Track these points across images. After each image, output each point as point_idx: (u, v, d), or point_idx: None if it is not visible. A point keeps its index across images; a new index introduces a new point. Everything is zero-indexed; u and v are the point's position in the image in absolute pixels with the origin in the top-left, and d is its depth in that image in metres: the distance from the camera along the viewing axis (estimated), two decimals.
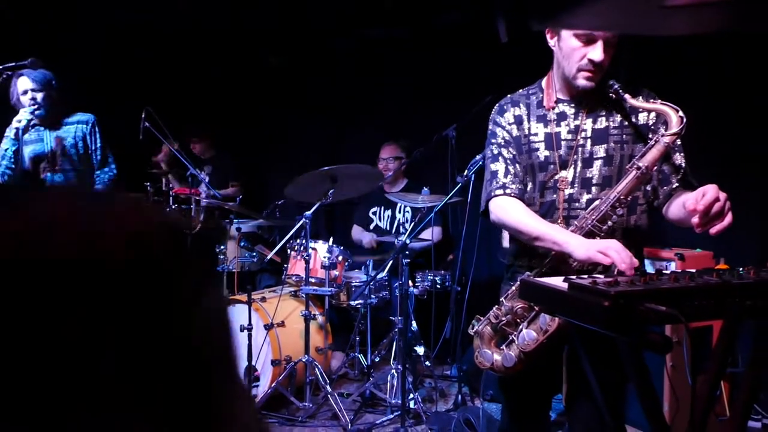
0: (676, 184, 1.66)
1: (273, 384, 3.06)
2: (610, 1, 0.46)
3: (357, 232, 4.21)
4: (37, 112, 2.99)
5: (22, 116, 2.97)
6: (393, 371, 3.17)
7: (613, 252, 1.42)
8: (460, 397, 3.20)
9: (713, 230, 1.39)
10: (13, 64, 2.90)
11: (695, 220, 1.40)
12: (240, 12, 4.30)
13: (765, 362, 1.37)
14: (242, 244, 3.54)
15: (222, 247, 3.98)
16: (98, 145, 3.24)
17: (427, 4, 3.97)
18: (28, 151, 3.11)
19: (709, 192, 1.39)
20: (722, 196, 1.40)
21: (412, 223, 3.56)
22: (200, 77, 5.00)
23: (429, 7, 3.98)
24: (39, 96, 3.04)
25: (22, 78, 3.03)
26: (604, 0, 0.46)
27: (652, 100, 1.62)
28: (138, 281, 0.36)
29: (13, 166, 3.05)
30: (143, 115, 3.59)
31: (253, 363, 3.07)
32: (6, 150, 3.05)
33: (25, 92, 3.02)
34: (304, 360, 3.08)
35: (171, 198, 3.88)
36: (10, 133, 3.03)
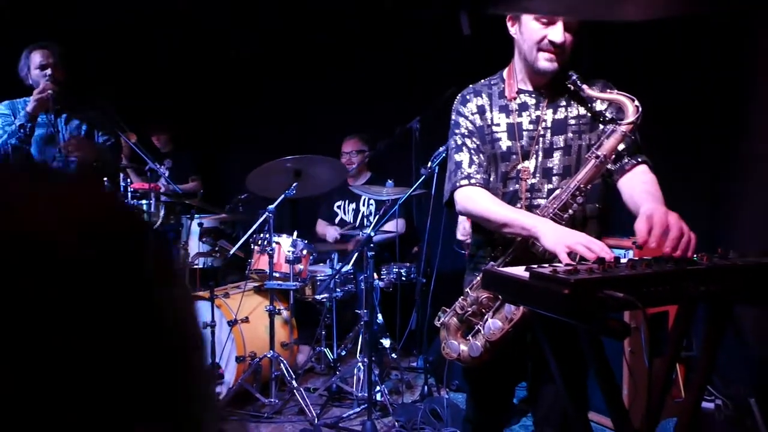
0: (627, 159, 1.66)
1: (238, 381, 3.01)
2: None
3: (321, 226, 4.18)
4: (50, 91, 2.79)
5: (44, 91, 2.78)
6: (359, 364, 3.16)
7: (581, 247, 1.39)
8: (426, 388, 3.22)
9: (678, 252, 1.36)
10: None
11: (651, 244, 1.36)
12: (202, 5, 4.20)
13: (717, 345, 1.42)
14: (204, 239, 3.47)
15: (183, 243, 3.89)
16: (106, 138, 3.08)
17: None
18: (37, 133, 2.91)
19: (656, 227, 1.36)
20: (660, 215, 1.37)
21: (377, 216, 3.55)
22: (160, 70, 4.87)
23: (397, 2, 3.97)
24: (56, 73, 2.85)
25: (36, 52, 2.86)
26: None
27: (608, 90, 1.64)
28: (98, 269, 0.34)
29: (17, 142, 2.82)
30: None
31: (217, 360, 3.02)
32: (14, 123, 2.84)
33: (41, 66, 2.84)
34: (269, 356, 3.05)
35: (129, 193, 3.77)
36: (27, 107, 2.84)
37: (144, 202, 4.15)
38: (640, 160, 1.66)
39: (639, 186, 1.62)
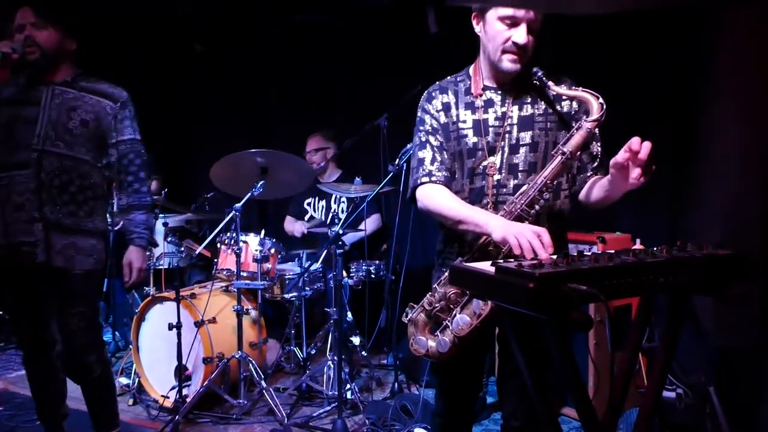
0: (591, 172, 1.75)
1: (205, 383, 2.97)
2: None
3: (289, 223, 4.15)
4: (31, 56, 2.13)
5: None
6: (329, 363, 3.15)
7: (524, 239, 1.44)
8: (396, 384, 3.23)
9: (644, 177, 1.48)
10: None
11: (636, 172, 1.47)
12: None
13: (677, 336, 1.45)
14: (169, 239, 3.40)
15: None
16: (125, 137, 2.28)
17: None
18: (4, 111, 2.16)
19: (634, 142, 1.46)
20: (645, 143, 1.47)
21: (346, 214, 3.54)
22: (120, 63, 4.75)
23: None
24: (39, 35, 2.14)
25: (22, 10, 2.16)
26: None
27: (574, 88, 1.67)
28: None
29: None
30: None
31: (184, 362, 2.96)
32: None
33: (20, 27, 2.14)
34: (237, 356, 3.01)
35: None
36: None
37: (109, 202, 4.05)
38: (603, 171, 1.71)
39: (599, 178, 1.70)
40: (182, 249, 3.54)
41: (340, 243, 2.88)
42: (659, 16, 2.83)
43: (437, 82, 1.84)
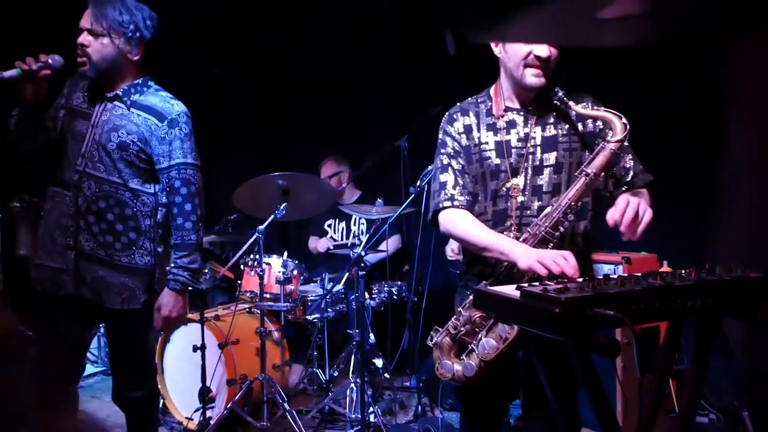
0: (625, 187, 1.73)
1: (228, 405, 2.97)
2: (544, 14, 0.47)
3: (313, 241, 4.17)
4: (82, 68, 1.94)
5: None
6: (352, 385, 3.14)
7: (549, 260, 1.45)
8: (419, 407, 3.20)
9: (636, 235, 1.50)
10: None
11: (622, 230, 1.49)
12: (179, 17, 4.19)
13: (707, 359, 1.42)
14: None
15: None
16: (173, 161, 1.99)
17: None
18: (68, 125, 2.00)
19: (620, 203, 1.49)
20: (632, 201, 1.49)
21: (368, 235, 3.55)
22: None
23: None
24: (94, 43, 1.91)
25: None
26: (538, 13, 0.47)
27: (596, 108, 1.67)
28: None
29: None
30: None
31: (208, 384, 2.98)
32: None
33: (80, 31, 1.93)
34: (260, 378, 3.01)
35: None
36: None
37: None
38: (642, 185, 1.72)
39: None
40: (206, 270, 3.58)
41: (362, 264, 2.89)
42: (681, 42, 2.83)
43: (458, 104, 1.85)
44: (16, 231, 3.89)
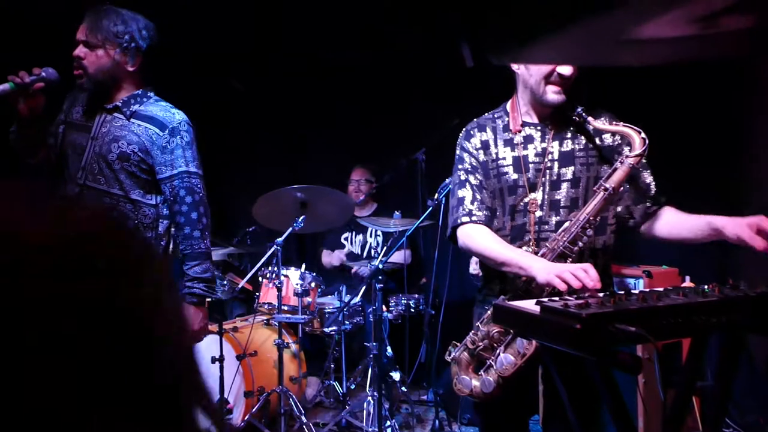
0: (649, 203, 1.72)
1: (246, 416, 2.98)
2: (568, 35, 0.47)
3: (326, 255, 4.19)
4: (79, 80, 1.91)
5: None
6: (369, 398, 3.13)
7: (568, 275, 1.44)
8: (437, 422, 3.17)
9: None
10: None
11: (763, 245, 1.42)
12: (204, 32, 4.27)
13: (732, 376, 1.40)
14: None
15: None
16: (175, 170, 1.95)
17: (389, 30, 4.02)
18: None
19: (754, 225, 1.42)
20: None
21: (384, 248, 3.56)
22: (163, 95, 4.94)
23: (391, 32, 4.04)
24: (90, 55, 1.89)
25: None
26: (564, 36, 0.48)
27: (614, 123, 1.67)
28: (94, 281, 0.37)
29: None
30: None
31: (226, 395, 2.99)
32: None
33: (76, 44, 1.92)
34: (277, 390, 3.02)
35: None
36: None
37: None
38: (663, 201, 1.70)
39: (683, 216, 1.67)
40: (225, 282, 3.61)
41: (380, 277, 2.90)
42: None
43: (475, 120, 1.86)
44: None
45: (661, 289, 1.27)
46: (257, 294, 3.40)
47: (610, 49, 0.52)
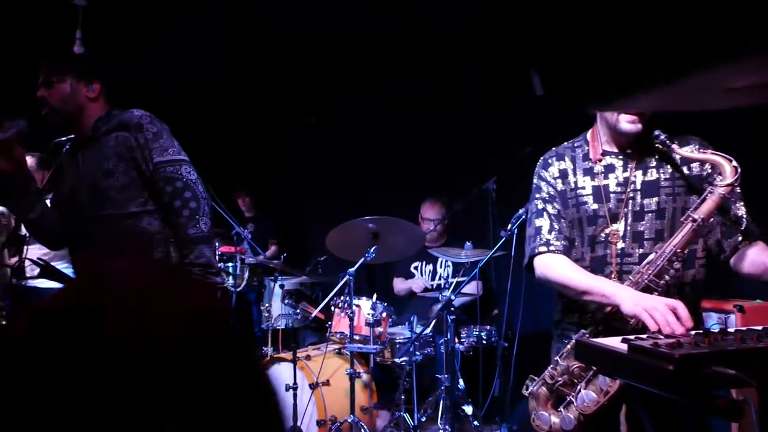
0: (740, 237, 1.62)
1: None
2: (670, 86, 0.47)
3: (399, 283, 4.19)
4: (49, 118, 1.98)
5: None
6: (440, 431, 3.07)
7: (659, 314, 1.37)
8: None
9: None
10: None
11: None
12: (276, 68, 4.44)
13: None
14: (286, 301, 3.57)
15: (267, 305, 4.02)
16: (155, 160, 1.91)
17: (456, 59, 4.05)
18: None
19: None
20: None
21: (454, 279, 3.53)
22: (226, 135, 5.16)
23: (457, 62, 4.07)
24: (50, 91, 1.95)
25: None
26: (665, 86, 0.47)
27: (702, 150, 1.59)
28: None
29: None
30: None
31: (299, 424, 3.03)
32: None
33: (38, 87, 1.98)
34: (349, 420, 3.02)
35: (216, 256, 3.97)
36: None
37: (230, 264, 4.36)
38: (757, 234, 1.62)
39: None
40: (298, 311, 3.69)
41: (451, 309, 2.87)
42: None
43: (553, 149, 1.83)
44: None
45: (759, 327, 1.19)
46: (329, 323, 3.45)
47: (706, 97, 0.51)
